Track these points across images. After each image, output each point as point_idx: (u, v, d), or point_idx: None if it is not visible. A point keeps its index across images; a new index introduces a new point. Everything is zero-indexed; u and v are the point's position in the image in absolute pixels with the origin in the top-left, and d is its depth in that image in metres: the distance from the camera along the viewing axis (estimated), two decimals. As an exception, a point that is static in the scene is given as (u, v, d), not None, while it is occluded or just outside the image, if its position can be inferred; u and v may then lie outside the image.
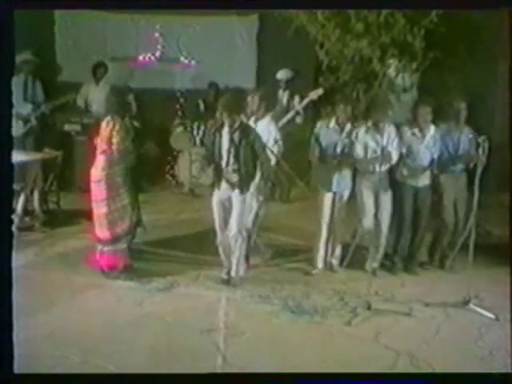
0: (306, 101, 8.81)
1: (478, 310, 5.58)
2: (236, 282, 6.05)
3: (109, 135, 6.01)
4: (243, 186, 5.92)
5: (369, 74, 7.78)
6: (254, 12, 9.68)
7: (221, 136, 5.93)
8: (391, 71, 7.77)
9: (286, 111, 8.95)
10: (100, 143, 6.07)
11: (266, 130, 6.31)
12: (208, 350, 4.88)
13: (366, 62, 7.67)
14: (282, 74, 9.04)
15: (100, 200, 6.05)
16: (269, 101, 6.78)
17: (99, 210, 6.07)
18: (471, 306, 5.64)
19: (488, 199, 6.74)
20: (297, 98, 8.94)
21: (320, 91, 8.50)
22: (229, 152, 5.89)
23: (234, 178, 5.90)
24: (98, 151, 6.08)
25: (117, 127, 6.01)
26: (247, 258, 6.35)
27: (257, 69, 10.05)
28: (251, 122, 6.30)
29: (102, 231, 6.10)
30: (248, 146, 5.86)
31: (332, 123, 6.34)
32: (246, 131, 5.91)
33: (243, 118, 6.10)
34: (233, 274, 6.08)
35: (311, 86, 8.89)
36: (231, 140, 5.88)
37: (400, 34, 7.33)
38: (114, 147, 5.99)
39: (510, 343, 4.85)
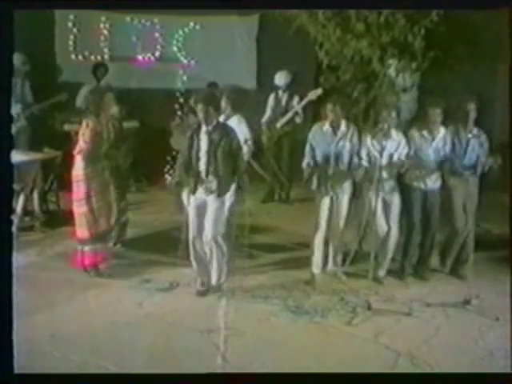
0: (304, 101, 8.80)
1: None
2: (216, 289, 5.87)
3: (84, 135, 6.02)
4: (221, 189, 5.71)
5: (369, 74, 7.77)
6: (254, 12, 9.68)
7: (199, 138, 5.72)
8: (391, 71, 7.76)
9: (285, 111, 8.95)
10: (78, 142, 6.08)
11: (237, 128, 6.09)
12: (208, 350, 4.88)
13: (366, 62, 7.66)
14: (280, 80, 8.91)
15: (79, 199, 6.08)
16: (236, 99, 6.66)
17: (79, 209, 6.09)
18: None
19: (488, 199, 6.73)
20: (296, 99, 8.92)
21: (319, 91, 8.49)
22: (208, 154, 5.67)
23: (213, 183, 5.68)
24: (76, 151, 6.08)
25: (90, 127, 6.01)
26: (228, 263, 5.98)
27: (257, 69, 10.04)
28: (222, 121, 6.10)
29: (81, 231, 6.13)
30: (226, 146, 5.65)
31: (326, 126, 6.15)
32: (224, 131, 5.72)
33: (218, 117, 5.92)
34: (213, 281, 5.90)
35: (311, 86, 8.90)
36: (210, 141, 5.66)
37: (400, 33, 7.32)
38: (88, 147, 6.00)
39: (510, 343, 4.85)
